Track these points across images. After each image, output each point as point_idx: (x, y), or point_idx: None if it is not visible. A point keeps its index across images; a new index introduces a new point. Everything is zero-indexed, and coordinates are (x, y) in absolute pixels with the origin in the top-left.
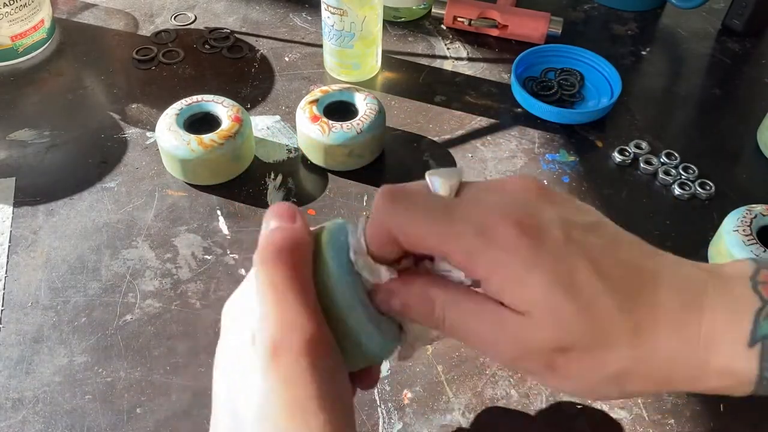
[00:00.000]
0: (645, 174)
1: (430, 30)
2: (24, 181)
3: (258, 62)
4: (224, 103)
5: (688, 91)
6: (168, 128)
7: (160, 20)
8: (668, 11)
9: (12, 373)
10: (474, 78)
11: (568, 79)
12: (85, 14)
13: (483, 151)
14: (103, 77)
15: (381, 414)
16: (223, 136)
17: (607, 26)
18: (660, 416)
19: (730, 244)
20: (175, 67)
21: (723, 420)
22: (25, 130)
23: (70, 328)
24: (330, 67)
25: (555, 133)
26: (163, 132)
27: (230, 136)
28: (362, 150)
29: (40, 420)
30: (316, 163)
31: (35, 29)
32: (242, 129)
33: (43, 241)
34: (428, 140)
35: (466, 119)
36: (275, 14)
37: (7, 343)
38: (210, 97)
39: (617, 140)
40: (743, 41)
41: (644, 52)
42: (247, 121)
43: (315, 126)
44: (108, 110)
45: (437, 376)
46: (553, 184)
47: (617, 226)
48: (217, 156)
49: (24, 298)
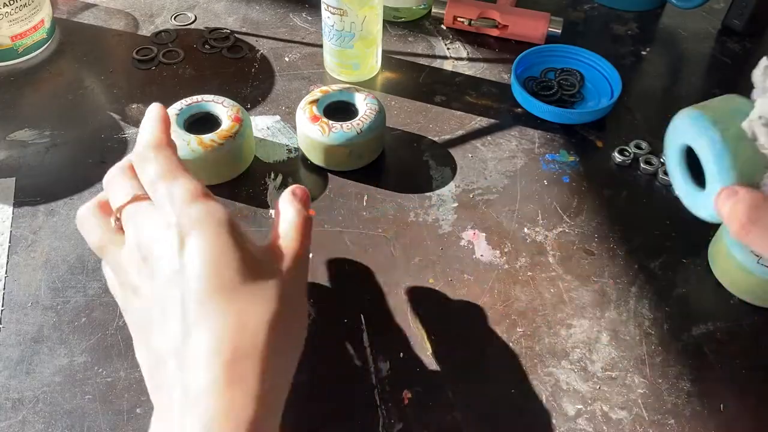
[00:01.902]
0: (645, 174)
1: (430, 30)
2: (24, 181)
3: (258, 62)
4: (224, 104)
5: (688, 91)
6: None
7: (160, 20)
8: (668, 11)
9: (12, 373)
10: (474, 78)
11: (568, 79)
12: (85, 14)
13: (483, 151)
14: (103, 77)
15: (381, 414)
16: (223, 136)
17: (607, 26)
18: (660, 416)
19: (730, 244)
20: (175, 67)
21: (723, 420)
22: (25, 130)
23: (71, 328)
24: (330, 67)
25: (555, 133)
26: None
27: (230, 136)
28: (362, 150)
29: (40, 420)
30: (316, 163)
31: (35, 29)
32: (242, 129)
33: (43, 241)
34: (428, 140)
35: (466, 119)
36: (275, 14)
37: (7, 343)
38: (210, 97)
39: (617, 140)
40: (743, 41)
41: (644, 52)
42: (247, 121)
43: (315, 126)
44: (108, 110)
45: (437, 376)
46: (554, 184)
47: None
48: (217, 156)
49: (24, 298)
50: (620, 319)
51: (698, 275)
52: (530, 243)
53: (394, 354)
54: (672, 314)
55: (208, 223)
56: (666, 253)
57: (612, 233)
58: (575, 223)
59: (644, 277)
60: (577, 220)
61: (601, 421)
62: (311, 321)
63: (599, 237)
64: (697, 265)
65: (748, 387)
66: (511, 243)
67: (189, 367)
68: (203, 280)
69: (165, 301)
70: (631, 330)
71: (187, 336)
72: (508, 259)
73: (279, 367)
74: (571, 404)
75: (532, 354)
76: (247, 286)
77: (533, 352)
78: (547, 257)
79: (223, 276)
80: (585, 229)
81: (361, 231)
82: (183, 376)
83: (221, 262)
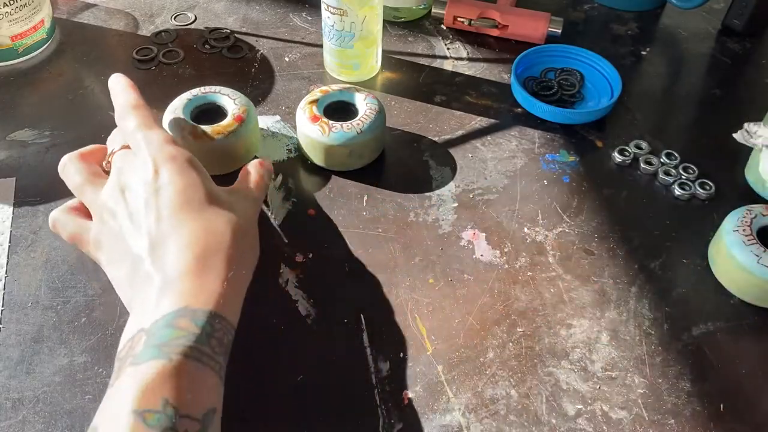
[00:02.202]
0: (645, 174)
1: (430, 30)
2: (24, 181)
3: (258, 62)
4: (236, 101)
5: (688, 91)
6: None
7: (160, 20)
8: (668, 11)
9: (12, 373)
10: (474, 78)
11: (568, 79)
12: (85, 14)
13: (483, 151)
14: (103, 77)
15: (381, 414)
16: (217, 131)
17: (607, 26)
18: (660, 416)
19: (730, 244)
20: (176, 67)
21: (723, 420)
22: (25, 130)
23: (70, 328)
24: (330, 67)
25: (555, 133)
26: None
27: (224, 133)
28: (362, 150)
29: (40, 420)
30: (316, 163)
31: (35, 29)
32: (240, 128)
33: (43, 241)
34: (428, 140)
35: (466, 119)
36: (275, 14)
37: (7, 343)
38: (226, 91)
39: (617, 140)
40: (743, 41)
41: (644, 52)
42: (250, 120)
43: (315, 126)
44: (108, 110)
45: (437, 376)
46: (554, 184)
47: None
48: (206, 150)
49: (24, 298)
50: (620, 319)
51: (698, 275)
52: (530, 243)
53: (394, 354)
54: (672, 314)
55: (177, 160)
56: (666, 253)
57: (612, 233)
58: (575, 223)
59: (644, 277)
60: (577, 220)
61: (601, 421)
62: (311, 321)
63: (599, 237)
64: (697, 265)
65: (748, 387)
66: (511, 243)
67: (166, 260)
68: (175, 198)
69: (140, 215)
70: (631, 330)
71: (164, 238)
72: (508, 259)
73: (240, 262)
74: (571, 404)
75: (532, 354)
76: (212, 207)
77: (533, 352)
78: (547, 257)
79: (191, 197)
80: (585, 229)
81: (361, 231)
82: (160, 265)
83: (190, 187)
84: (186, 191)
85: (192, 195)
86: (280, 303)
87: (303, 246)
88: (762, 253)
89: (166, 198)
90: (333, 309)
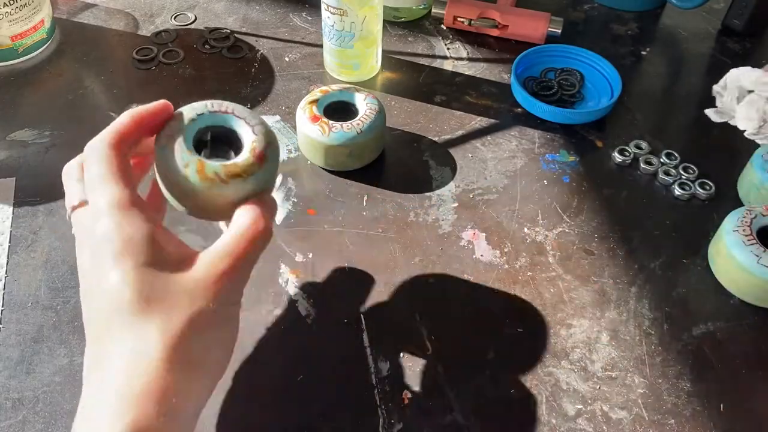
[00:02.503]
0: (645, 174)
1: (430, 30)
2: (24, 181)
3: (258, 62)
4: (255, 129)
5: (688, 91)
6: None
7: (160, 20)
8: (668, 11)
9: (12, 373)
10: (474, 78)
11: (568, 79)
12: (85, 14)
13: (483, 151)
14: (103, 77)
15: (381, 414)
16: (231, 173)
17: (607, 26)
18: (660, 416)
19: (730, 244)
20: (175, 67)
21: (723, 420)
22: (25, 130)
23: (70, 328)
24: (330, 67)
25: (555, 133)
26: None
27: (240, 175)
28: (362, 150)
29: (40, 420)
30: (316, 163)
31: (35, 29)
32: (260, 171)
33: (43, 241)
34: (428, 140)
35: (466, 119)
36: (275, 14)
37: (7, 343)
38: (243, 113)
39: (617, 140)
40: (743, 41)
41: (644, 52)
42: (273, 158)
43: (315, 126)
44: (108, 110)
45: (437, 376)
46: (554, 184)
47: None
48: (214, 194)
49: (24, 298)
50: (620, 319)
51: (698, 275)
52: (530, 243)
53: (394, 354)
54: (672, 314)
55: (116, 241)
56: (666, 253)
57: (612, 233)
58: (575, 223)
59: (644, 277)
60: (577, 220)
61: (601, 421)
62: (311, 321)
63: (599, 237)
64: (697, 265)
65: (748, 387)
66: (511, 243)
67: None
68: (104, 306)
69: (89, 312)
70: (631, 330)
71: (92, 365)
72: (508, 259)
73: (184, 385)
74: (571, 404)
75: (532, 354)
76: (148, 314)
77: (533, 352)
78: (547, 257)
79: (119, 306)
80: (585, 229)
81: (361, 231)
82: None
83: (117, 290)
84: (113, 296)
85: (119, 302)
86: (280, 303)
87: (303, 246)
88: (762, 253)
89: (95, 304)
90: (333, 309)
